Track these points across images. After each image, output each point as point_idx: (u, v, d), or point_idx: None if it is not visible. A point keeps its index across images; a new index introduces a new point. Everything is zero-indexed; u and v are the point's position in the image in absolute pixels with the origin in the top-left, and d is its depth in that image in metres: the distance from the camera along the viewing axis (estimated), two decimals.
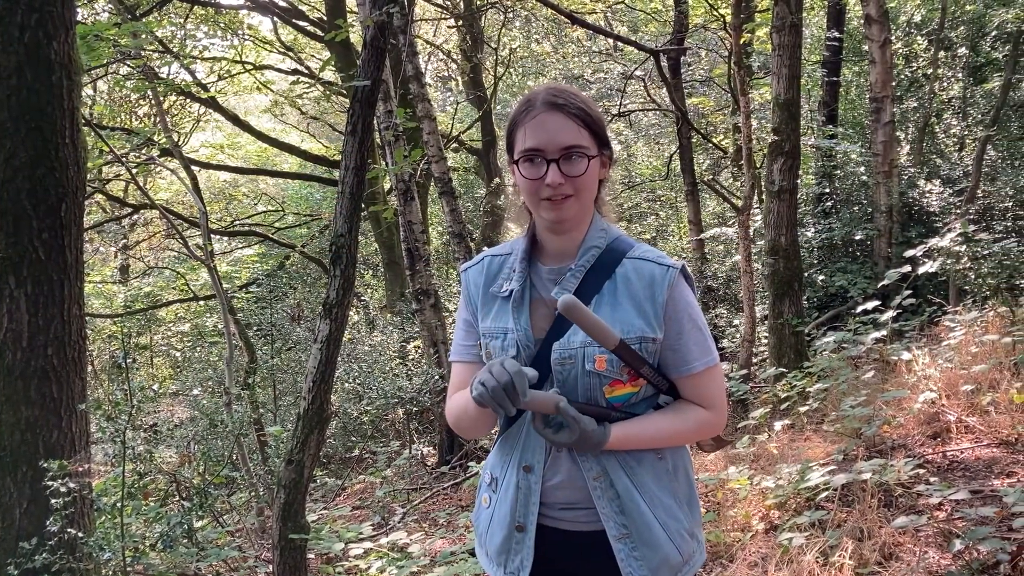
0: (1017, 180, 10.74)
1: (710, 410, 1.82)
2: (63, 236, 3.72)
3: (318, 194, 18.64)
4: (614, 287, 1.77)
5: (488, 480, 1.92)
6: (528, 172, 1.75)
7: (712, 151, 15.29)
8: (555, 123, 1.73)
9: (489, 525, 1.89)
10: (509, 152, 1.82)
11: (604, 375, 1.73)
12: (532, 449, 1.81)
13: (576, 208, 1.77)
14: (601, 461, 1.76)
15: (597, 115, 1.80)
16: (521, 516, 1.82)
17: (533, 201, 1.78)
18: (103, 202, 15.16)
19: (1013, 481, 4.00)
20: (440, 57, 17.96)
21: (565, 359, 1.74)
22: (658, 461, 1.81)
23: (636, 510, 1.76)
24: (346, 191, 3.82)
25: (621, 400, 1.77)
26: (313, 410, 3.80)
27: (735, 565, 3.78)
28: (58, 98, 3.67)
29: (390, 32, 4.14)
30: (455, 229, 8.47)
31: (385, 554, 4.20)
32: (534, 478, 1.80)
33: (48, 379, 3.66)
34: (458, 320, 1.96)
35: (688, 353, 1.78)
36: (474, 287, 1.92)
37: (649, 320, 1.74)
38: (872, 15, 10.28)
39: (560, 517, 1.82)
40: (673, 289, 1.76)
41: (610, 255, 1.80)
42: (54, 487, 3.42)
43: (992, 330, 5.67)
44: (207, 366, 11.79)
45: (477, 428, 1.87)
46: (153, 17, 10.49)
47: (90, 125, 7.99)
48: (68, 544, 3.46)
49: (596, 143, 1.78)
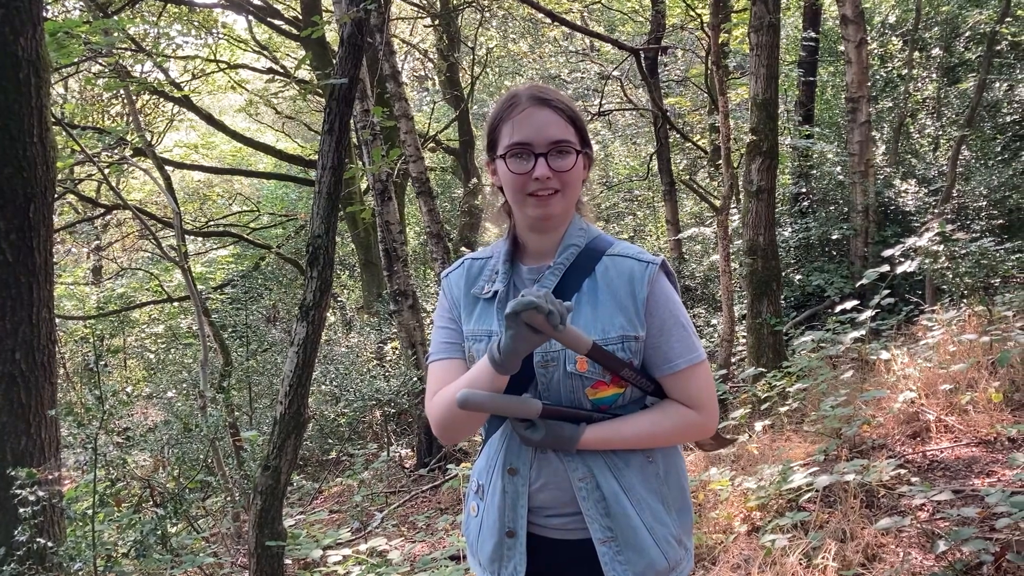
0: (991, 180, 10.84)
1: (696, 410, 1.77)
2: (32, 238, 3.64)
3: (293, 194, 18.52)
4: (594, 285, 1.74)
5: (475, 488, 1.88)
6: (515, 167, 1.72)
7: (689, 151, 15.33)
8: (543, 117, 1.71)
9: (479, 533, 1.84)
10: (492, 149, 1.78)
11: (586, 376, 1.70)
12: (516, 451, 1.77)
13: (562, 204, 1.74)
14: (587, 462, 1.72)
15: (580, 114, 1.79)
16: (511, 521, 1.77)
17: (519, 197, 1.74)
18: (75, 202, 14.96)
19: (993, 480, 4.00)
20: (416, 56, 17.89)
21: (548, 361, 1.71)
22: (648, 464, 1.77)
23: (622, 513, 1.71)
24: (323, 191, 3.76)
25: (606, 402, 1.74)
26: (290, 415, 3.74)
27: (718, 567, 3.75)
28: (25, 96, 3.58)
29: (367, 30, 4.08)
30: (433, 229, 8.41)
31: (364, 560, 4.14)
32: (520, 481, 1.76)
33: (16, 384, 3.57)
34: (437, 325, 1.90)
35: (670, 351, 1.74)
36: (456, 290, 1.88)
37: (630, 317, 1.71)
38: (848, 15, 10.32)
39: (547, 524, 1.78)
40: (653, 285, 1.73)
41: (589, 253, 1.77)
42: (22, 496, 3.33)
43: (969, 329, 5.69)
44: (181, 368, 11.68)
45: (467, 424, 1.79)
46: (125, 14, 10.33)
47: (60, 124, 7.85)
48: (37, 554, 3.37)
49: (580, 141, 1.76)
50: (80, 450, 5.60)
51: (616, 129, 17.65)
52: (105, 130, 10.08)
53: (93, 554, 3.63)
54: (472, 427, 1.81)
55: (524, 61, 16.88)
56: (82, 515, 3.90)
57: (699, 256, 12.92)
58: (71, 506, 3.96)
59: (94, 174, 12.89)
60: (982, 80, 9.91)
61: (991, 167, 11.40)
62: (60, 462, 3.84)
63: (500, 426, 1.80)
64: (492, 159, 1.78)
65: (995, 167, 11.36)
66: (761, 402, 6.15)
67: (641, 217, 17.81)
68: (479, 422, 1.81)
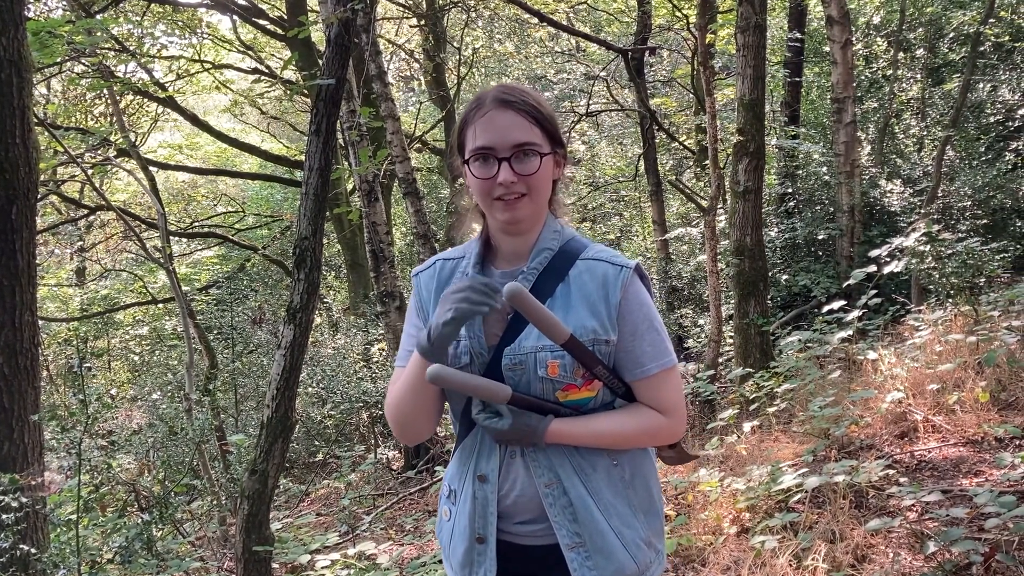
0: (975, 180, 10.90)
1: (665, 414, 1.76)
2: (14, 239, 3.59)
3: (279, 195, 18.45)
4: (567, 290, 1.73)
5: (447, 493, 1.88)
6: (479, 171, 1.70)
7: (675, 151, 15.34)
8: (505, 120, 1.69)
9: (451, 538, 1.84)
10: (460, 152, 1.77)
11: (557, 380, 1.69)
12: (486, 458, 1.76)
13: (530, 208, 1.72)
14: (554, 467, 1.72)
15: (549, 112, 1.76)
16: (480, 528, 1.77)
17: (486, 202, 1.72)
18: (58, 203, 14.84)
19: (981, 480, 4.01)
20: (402, 57, 17.84)
21: (516, 364, 1.70)
22: (613, 468, 1.76)
23: (590, 518, 1.71)
24: (310, 192, 3.73)
25: (577, 405, 1.73)
26: (277, 418, 3.70)
27: (708, 569, 3.75)
28: (7, 96, 3.54)
29: (353, 30, 4.05)
30: (419, 230, 8.38)
31: (353, 564, 4.11)
32: (490, 488, 1.76)
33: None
34: (406, 329, 1.88)
35: (642, 355, 1.73)
36: (426, 292, 1.86)
37: (603, 321, 1.70)
38: (834, 16, 10.36)
39: (517, 532, 1.78)
40: (627, 289, 1.72)
41: (563, 257, 1.76)
42: (5, 502, 3.28)
43: (956, 329, 5.71)
44: (166, 370, 11.61)
45: (419, 417, 1.79)
46: (109, 14, 10.24)
47: (43, 124, 7.78)
48: (21, 561, 3.33)
49: (548, 141, 1.73)
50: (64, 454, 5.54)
51: (603, 130, 17.65)
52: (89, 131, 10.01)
53: (78, 560, 3.59)
54: (424, 424, 1.81)
55: (510, 62, 16.87)
56: (66, 520, 3.86)
57: (686, 256, 12.93)
58: (55, 511, 3.91)
59: (77, 175, 12.79)
60: (966, 81, 9.96)
61: (975, 167, 11.47)
62: (43, 467, 3.79)
63: (471, 431, 1.79)
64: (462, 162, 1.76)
65: (979, 167, 11.43)
66: (749, 402, 6.15)
67: (628, 218, 17.81)
68: (430, 419, 1.80)
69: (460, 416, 1.81)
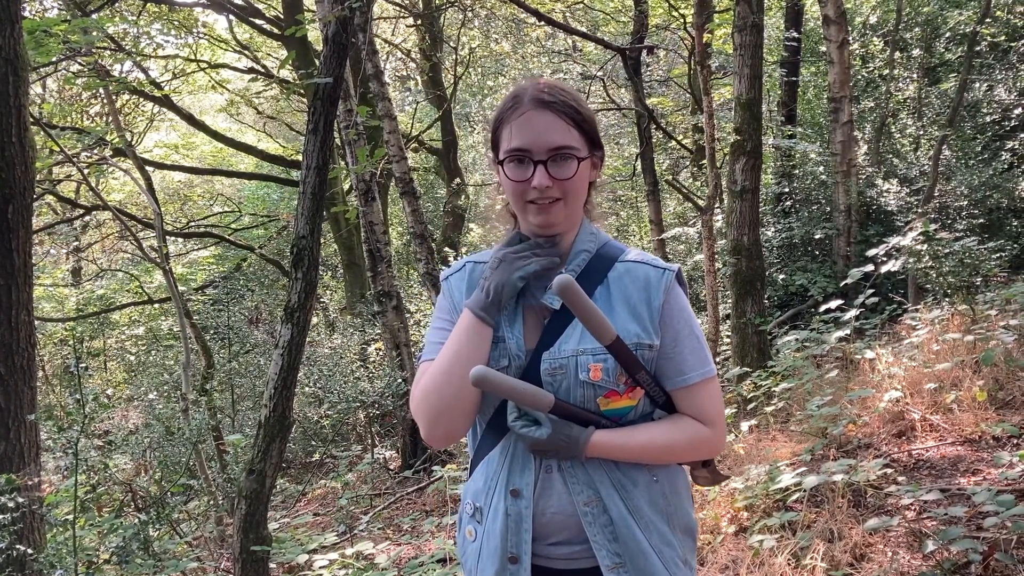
0: (971, 179, 10.91)
1: (708, 425, 1.69)
2: (10, 239, 3.58)
3: (275, 194, 18.40)
4: (607, 292, 1.67)
5: (471, 511, 1.75)
6: (514, 174, 1.64)
7: (672, 151, 15.34)
8: (543, 122, 1.62)
9: (478, 560, 1.71)
10: (494, 150, 1.70)
11: (599, 385, 1.61)
12: (519, 471, 1.66)
13: (564, 213, 1.66)
14: (593, 483, 1.63)
15: (589, 114, 1.69)
16: (514, 546, 1.65)
17: (519, 204, 1.66)
18: (54, 203, 14.81)
19: (979, 479, 4.01)
20: (399, 56, 17.81)
21: (556, 369, 1.61)
22: (653, 484, 1.68)
23: (631, 537, 1.62)
24: (308, 191, 3.72)
25: (618, 415, 1.65)
26: (274, 418, 3.69)
27: (706, 568, 3.75)
28: (3, 94, 3.52)
29: (350, 29, 4.04)
30: (417, 230, 8.37)
31: (351, 564, 4.10)
32: (524, 503, 1.64)
33: None
34: (434, 325, 1.79)
35: (684, 362, 1.67)
36: (457, 292, 1.77)
37: (645, 325, 1.64)
38: (830, 16, 10.36)
39: (552, 555, 1.68)
40: (669, 292, 1.68)
41: (601, 260, 1.70)
42: (2, 502, 3.27)
43: (953, 328, 5.71)
44: (163, 370, 11.58)
45: (458, 405, 1.62)
46: (105, 13, 10.22)
47: (39, 124, 7.77)
48: (17, 561, 3.32)
49: (587, 144, 1.68)
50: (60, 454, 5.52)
51: (600, 129, 17.64)
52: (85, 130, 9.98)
53: (74, 560, 3.58)
54: (460, 417, 1.64)
55: (507, 61, 16.86)
56: (63, 521, 3.85)
57: (683, 256, 12.93)
58: (51, 511, 3.90)
59: (73, 175, 12.78)
60: (963, 80, 9.98)
61: (972, 167, 11.48)
62: (40, 467, 3.78)
63: (499, 442, 1.69)
64: (496, 160, 1.70)
65: (976, 167, 11.44)
66: (747, 402, 6.16)
67: (625, 217, 17.81)
68: (469, 409, 1.64)
69: (487, 425, 1.71)
